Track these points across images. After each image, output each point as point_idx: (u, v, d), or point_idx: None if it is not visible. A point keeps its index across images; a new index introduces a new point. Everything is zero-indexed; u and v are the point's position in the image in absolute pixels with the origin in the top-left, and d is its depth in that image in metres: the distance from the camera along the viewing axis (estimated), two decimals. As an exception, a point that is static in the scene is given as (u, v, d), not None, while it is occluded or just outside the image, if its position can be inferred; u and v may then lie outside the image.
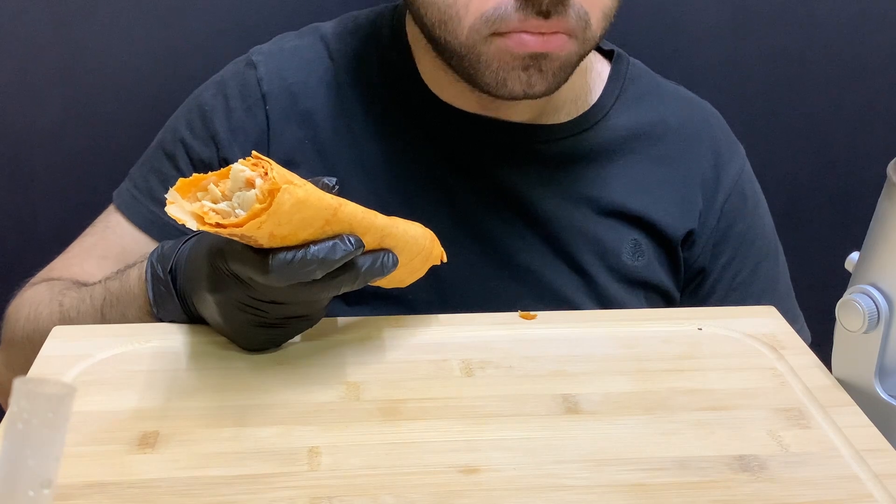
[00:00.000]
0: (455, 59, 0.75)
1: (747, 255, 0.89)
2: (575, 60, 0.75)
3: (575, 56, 0.75)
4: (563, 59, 0.73)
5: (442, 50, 0.76)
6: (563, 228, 0.83)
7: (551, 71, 0.73)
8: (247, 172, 0.54)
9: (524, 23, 0.70)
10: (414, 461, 0.54)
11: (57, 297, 0.77)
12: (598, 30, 0.74)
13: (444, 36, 0.74)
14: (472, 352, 0.65)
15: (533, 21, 0.70)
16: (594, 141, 0.85)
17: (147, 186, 0.85)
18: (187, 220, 0.53)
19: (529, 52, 0.71)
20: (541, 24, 0.70)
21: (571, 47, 0.73)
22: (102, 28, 1.03)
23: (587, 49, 0.75)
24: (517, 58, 0.72)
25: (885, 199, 0.61)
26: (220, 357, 0.64)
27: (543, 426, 0.57)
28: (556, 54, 0.72)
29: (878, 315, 0.61)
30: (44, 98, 1.05)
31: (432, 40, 0.77)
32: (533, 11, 0.69)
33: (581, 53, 0.75)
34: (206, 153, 0.84)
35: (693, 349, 0.67)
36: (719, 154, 0.89)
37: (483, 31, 0.71)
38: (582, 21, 0.72)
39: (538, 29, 0.70)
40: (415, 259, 0.65)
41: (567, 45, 0.73)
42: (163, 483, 0.51)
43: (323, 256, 0.56)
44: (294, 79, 0.85)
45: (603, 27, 0.75)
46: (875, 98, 1.14)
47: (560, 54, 0.73)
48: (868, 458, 0.55)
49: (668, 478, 0.53)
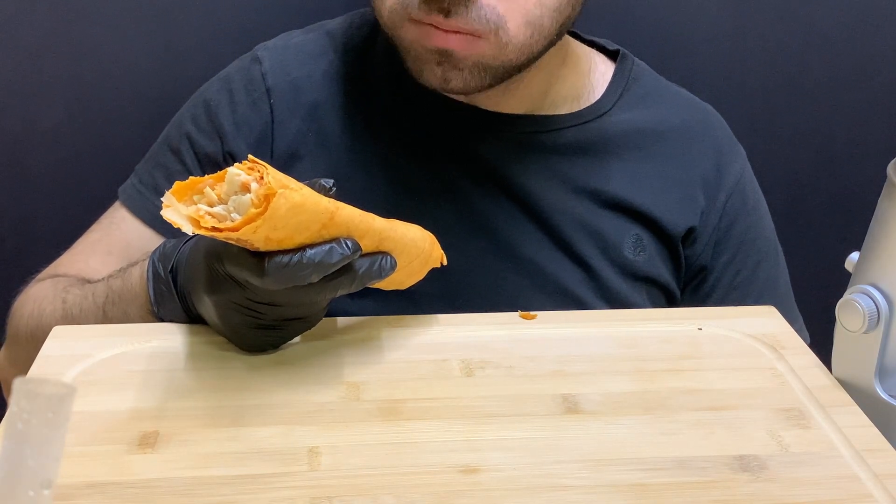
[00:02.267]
0: (389, 40, 0.78)
1: (748, 255, 0.89)
2: (496, 63, 0.74)
3: (491, 59, 0.74)
4: (474, 59, 0.74)
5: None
6: (565, 220, 0.83)
7: (467, 69, 0.74)
8: (242, 176, 0.53)
9: (428, 16, 0.72)
10: (414, 461, 0.54)
11: (60, 294, 0.77)
12: (521, 36, 0.73)
13: (380, 18, 0.76)
14: (472, 352, 0.65)
15: (435, 17, 0.72)
16: (597, 134, 0.85)
17: (152, 182, 0.86)
18: (183, 223, 0.53)
19: (433, 45, 0.73)
20: (440, 20, 0.72)
21: (482, 48, 0.73)
22: (103, 28, 1.03)
23: (510, 54, 0.74)
24: (428, 51, 0.74)
25: (885, 199, 0.61)
26: (220, 357, 0.64)
27: (543, 426, 0.57)
28: (464, 53, 0.73)
29: (878, 315, 0.61)
30: (44, 98, 1.05)
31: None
32: (435, 7, 0.71)
33: (503, 57, 0.74)
34: (212, 147, 0.84)
35: (693, 349, 0.67)
36: (721, 154, 0.89)
37: (400, 13, 0.74)
38: (489, 24, 0.72)
39: (439, 25, 0.72)
40: (414, 261, 0.65)
41: (475, 46, 0.73)
42: (163, 483, 0.51)
43: (319, 260, 0.56)
44: (298, 73, 0.85)
45: (528, 34, 0.74)
46: (875, 98, 1.14)
47: (469, 54, 0.73)
48: (868, 458, 0.55)
49: (668, 478, 0.53)
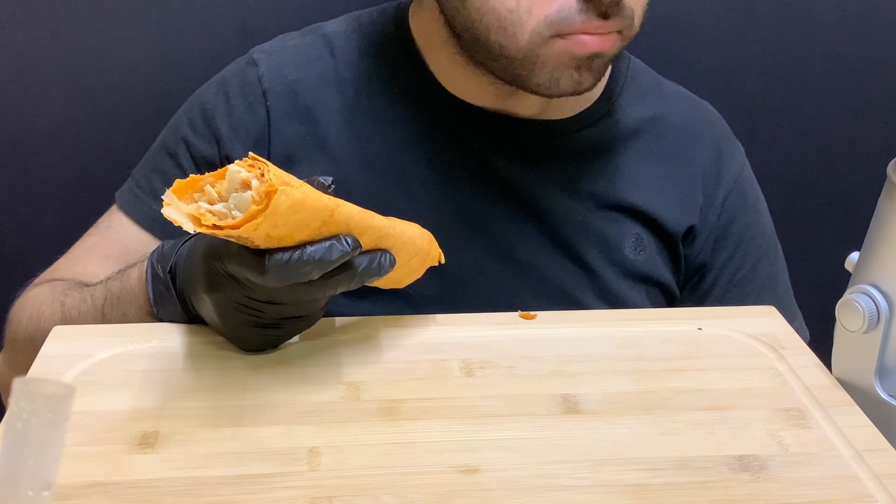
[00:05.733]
0: (505, 62, 0.76)
1: (747, 252, 0.89)
2: (615, 56, 0.78)
3: (618, 52, 0.78)
4: (611, 56, 0.77)
5: (487, 53, 0.76)
6: (565, 223, 0.83)
7: (598, 69, 0.76)
8: (243, 174, 0.53)
9: (586, 24, 0.72)
10: (414, 461, 0.54)
11: (59, 298, 0.77)
12: (638, 27, 0.77)
13: (500, 41, 0.75)
14: (471, 352, 0.65)
15: (594, 22, 0.72)
16: (597, 135, 0.85)
17: (150, 185, 0.85)
18: (184, 221, 0.53)
19: (588, 52, 0.74)
20: (600, 24, 0.73)
21: (620, 44, 0.76)
22: (103, 28, 1.03)
23: (626, 45, 0.78)
24: (574, 59, 0.74)
25: (885, 199, 0.61)
26: (219, 357, 0.64)
27: (543, 426, 0.57)
28: (611, 52, 0.76)
29: (878, 315, 0.61)
30: (44, 98, 1.05)
31: (476, 43, 0.77)
32: (595, 13, 0.72)
33: (622, 49, 0.78)
34: (209, 151, 0.84)
35: (693, 349, 0.67)
36: (720, 151, 0.89)
37: (544, 34, 0.73)
38: (631, 20, 0.75)
39: (598, 30, 0.73)
40: (412, 260, 0.65)
41: (618, 43, 0.76)
42: (163, 483, 0.51)
43: (319, 257, 0.56)
44: (295, 76, 0.85)
45: (641, 23, 0.78)
46: (875, 98, 1.14)
47: (611, 52, 0.76)
48: (868, 458, 0.55)
49: (668, 478, 0.53)
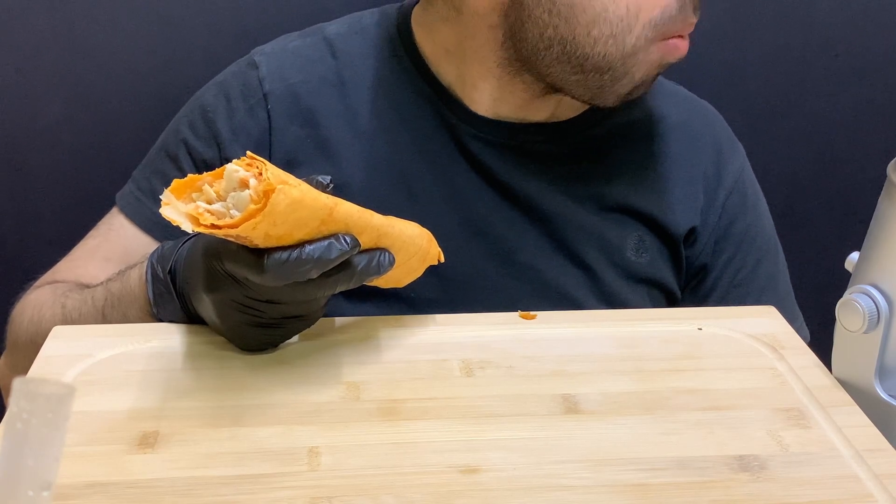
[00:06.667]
0: (594, 74, 0.76)
1: (748, 253, 0.89)
2: None
3: None
4: None
5: (577, 67, 0.76)
6: (567, 225, 0.83)
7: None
8: (241, 173, 0.53)
9: (684, 22, 0.74)
10: (414, 461, 0.54)
11: (60, 300, 0.77)
12: None
13: (605, 51, 0.75)
14: (471, 352, 0.65)
15: (690, 20, 0.74)
16: (597, 137, 0.85)
17: (150, 188, 0.85)
18: (182, 221, 0.53)
19: (679, 56, 0.76)
20: (692, 22, 0.75)
21: None
22: (103, 28, 1.03)
23: None
24: (661, 65, 0.76)
25: (885, 199, 0.61)
26: (219, 357, 0.64)
27: (543, 426, 0.57)
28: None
29: (878, 315, 0.61)
30: (44, 98, 1.05)
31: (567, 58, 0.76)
32: (690, 9, 0.74)
33: None
34: (209, 153, 0.84)
35: (693, 349, 0.67)
36: (720, 152, 0.89)
37: (649, 36, 0.75)
38: None
39: (689, 29, 0.75)
40: (412, 259, 0.65)
41: None
42: (163, 483, 0.51)
43: (318, 256, 0.56)
44: (296, 78, 0.85)
45: None
46: (875, 98, 1.14)
47: None
48: (868, 458, 0.55)
49: (668, 478, 0.53)
